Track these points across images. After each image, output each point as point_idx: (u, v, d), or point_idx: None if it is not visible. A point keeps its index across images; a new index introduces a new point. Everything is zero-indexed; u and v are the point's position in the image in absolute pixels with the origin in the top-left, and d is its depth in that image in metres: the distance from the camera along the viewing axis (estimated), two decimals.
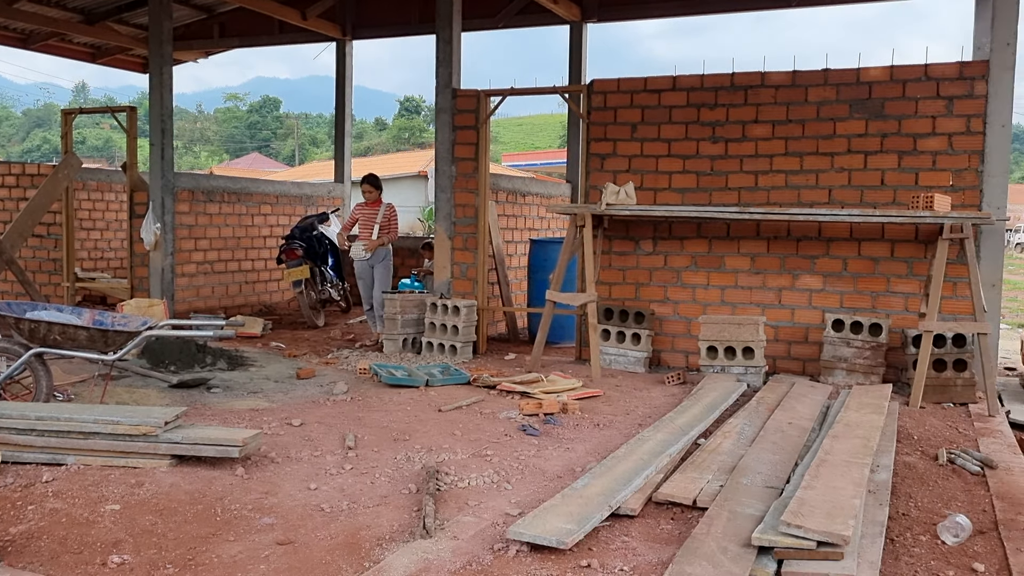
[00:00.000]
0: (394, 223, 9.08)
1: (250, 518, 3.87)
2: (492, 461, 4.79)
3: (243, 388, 6.63)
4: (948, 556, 3.61)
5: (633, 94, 8.03)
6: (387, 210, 9.03)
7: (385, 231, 8.99)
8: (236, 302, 10.94)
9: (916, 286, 7.18)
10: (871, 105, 7.29)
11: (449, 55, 8.56)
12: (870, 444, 4.63)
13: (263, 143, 70.23)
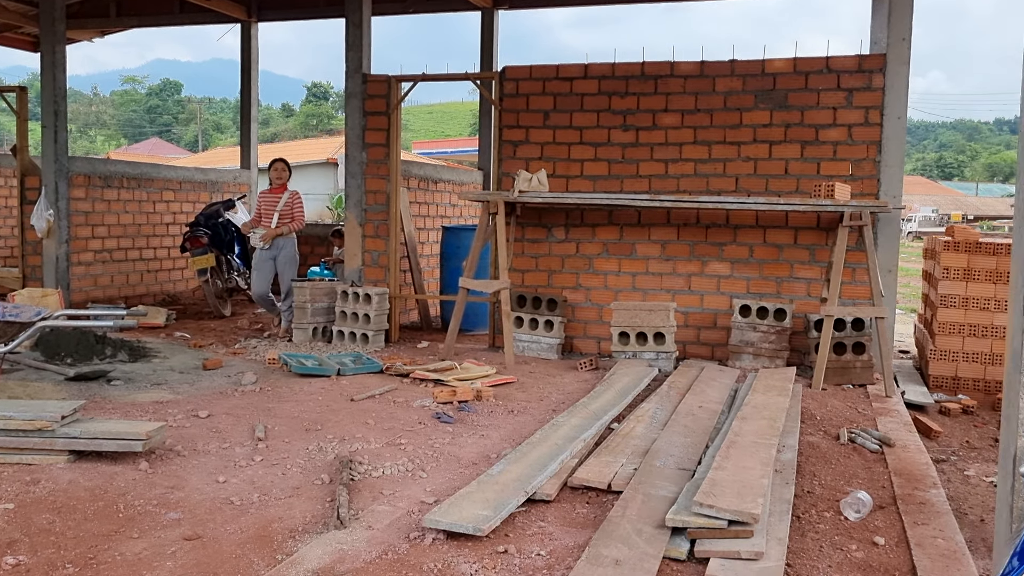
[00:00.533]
0: (298, 211, 8.53)
1: (155, 514, 3.73)
2: (406, 450, 4.74)
3: (146, 380, 6.40)
4: (851, 531, 3.74)
5: (545, 81, 8.05)
6: (290, 197, 8.50)
7: (288, 219, 8.43)
8: (138, 292, 10.55)
9: (818, 272, 7.42)
10: (775, 96, 7.48)
11: (359, 39, 8.41)
12: (776, 425, 4.76)
13: (164, 128, 68.00)
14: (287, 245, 8.52)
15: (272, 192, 8.57)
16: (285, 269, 8.54)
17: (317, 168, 34.13)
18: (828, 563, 3.38)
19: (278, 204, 8.44)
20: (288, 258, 8.54)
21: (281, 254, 8.49)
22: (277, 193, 8.51)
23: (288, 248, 8.53)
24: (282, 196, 8.47)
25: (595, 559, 3.13)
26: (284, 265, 8.53)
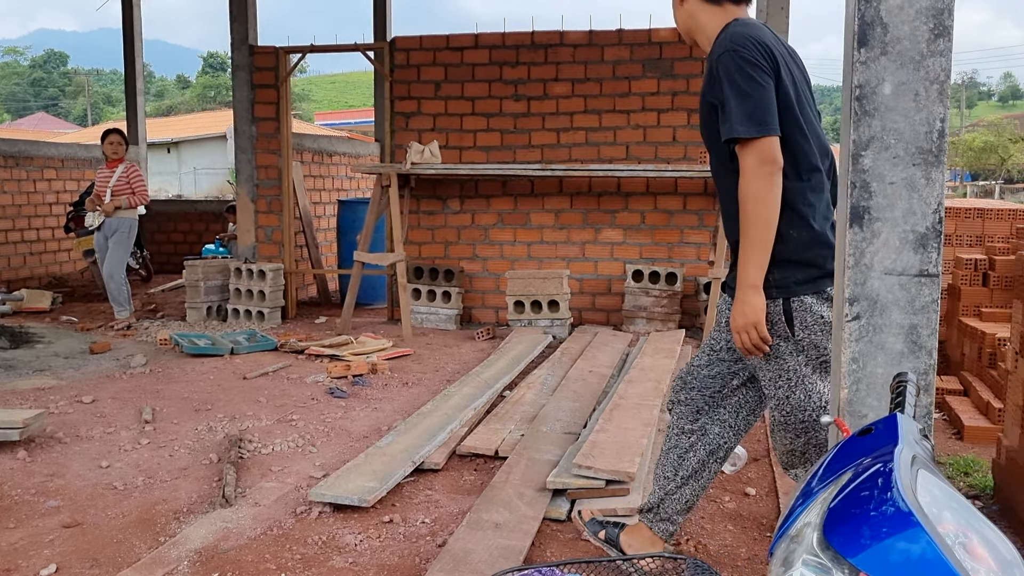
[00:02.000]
0: (137, 184, 7.72)
1: (33, 502, 3.65)
2: (297, 426, 4.74)
3: (28, 367, 6.19)
4: (725, 483, 3.92)
5: (436, 52, 8.02)
6: (125, 171, 7.70)
7: (124, 195, 7.68)
8: (21, 275, 10.15)
9: (707, 236, 7.64)
10: (662, 65, 7.63)
11: (244, 9, 8.20)
12: (660, 387, 4.93)
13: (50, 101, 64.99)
14: (121, 225, 7.71)
15: (108, 167, 7.82)
16: (114, 250, 7.70)
17: (215, 142, 33.23)
18: (701, 515, 3.54)
19: (111, 180, 7.71)
20: (120, 239, 7.71)
21: (114, 235, 7.71)
22: (112, 167, 7.77)
23: (123, 229, 7.72)
24: (116, 170, 7.74)
25: (476, 523, 3.21)
26: (114, 245, 7.70)
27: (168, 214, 12.46)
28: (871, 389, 1.98)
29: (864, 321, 1.96)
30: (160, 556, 3.11)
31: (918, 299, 1.94)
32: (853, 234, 1.95)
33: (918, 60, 1.91)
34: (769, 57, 2.40)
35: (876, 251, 1.94)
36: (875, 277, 1.95)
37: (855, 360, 1.98)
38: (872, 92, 1.92)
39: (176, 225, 12.45)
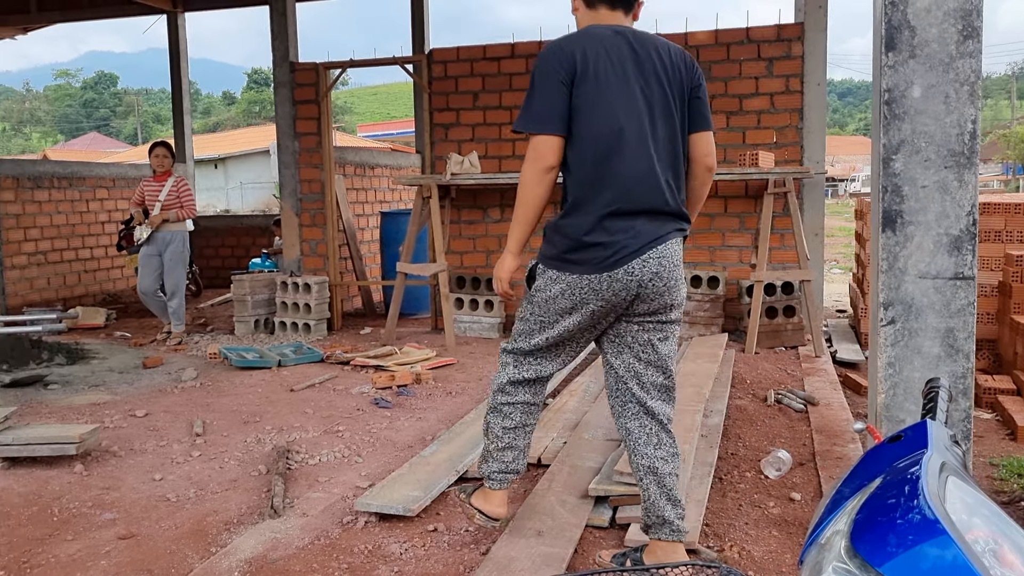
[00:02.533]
0: (186, 198, 7.76)
1: (90, 515, 3.76)
2: (344, 436, 4.82)
3: (84, 382, 6.37)
4: (770, 489, 3.90)
5: (473, 62, 8.08)
6: (175, 184, 7.74)
7: (173, 208, 7.72)
8: (76, 292, 10.43)
9: (748, 239, 7.59)
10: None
11: (284, 27, 8.36)
12: (703, 392, 4.91)
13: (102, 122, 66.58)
14: (174, 239, 7.77)
15: (156, 180, 7.83)
16: (172, 266, 7.81)
17: (260, 156, 33.76)
18: (745, 520, 3.53)
19: (160, 193, 7.74)
20: (176, 254, 7.79)
21: (168, 250, 7.75)
22: (160, 181, 7.80)
23: (176, 243, 7.78)
24: (165, 183, 7.77)
25: (518, 531, 3.24)
26: (171, 262, 7.79)
27: (216, 229, 12.71)
28: (908, 394, 1.97)
29: (899, 325, 1.95)
30: (212, 566, 3.19)
31: (954, 302, 1.93)
32: (886, 238, 1.94)
33: (947, 62, 1.90)
34: (568, 66, 2.69)
35: (910, 255, 1.93)
36: (909, 281, 1.94)
37: (891, 365, 1.98)
38: (901, 95, 1.91)
39: (224, 240, 12.69)
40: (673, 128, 2.78)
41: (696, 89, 2.84)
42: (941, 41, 1.90)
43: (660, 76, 2.76)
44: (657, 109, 2.75)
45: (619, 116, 2.70)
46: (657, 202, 2.74)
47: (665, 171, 2.75)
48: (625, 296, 2.76)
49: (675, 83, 2.78)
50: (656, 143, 2.73)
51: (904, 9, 1.90)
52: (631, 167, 2.71)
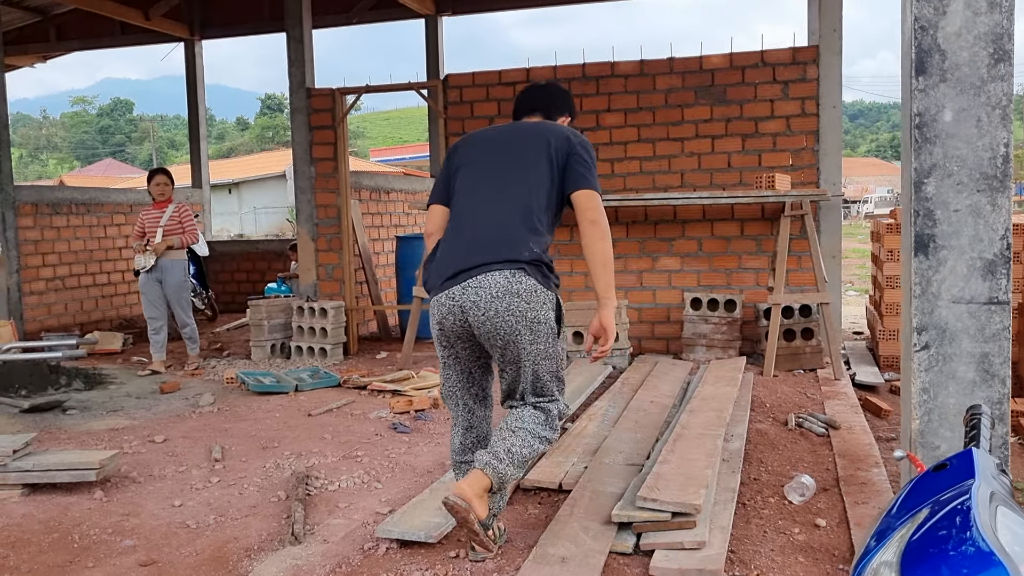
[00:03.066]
0: (188, 224, 7.63)
1: (110, 542, 3.75)
2: (362, 462, 4.80)
3: (102, 407, 6.38)
4: (794, 515, 3.85)
5: (488, 87, 8.12)
6: (176, 210, 7.62)
7: (176, 234, 7.62)
8: (93, 318, 10.48)
9: (765, 261, 7.57)
10: (715, 91, 7.62)
11: (301, 54, 8.43)
12: (723, 416, 4.88)
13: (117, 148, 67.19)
14: (175, 269, 7.66)
15: (155, 207, 7.74)
16: (175, 296, 7.71)
17: (274, 181, 33.99)
18: (771, 547, 3.49)
19: (161, 219, 7.63)
20: (178, 283, 7.69)
21: (169, 278, 7.64)
22: (160, 208, 7.71)
23: (177, 272, 7.68)
24: (166, 210, 7.68)
25: (542, 558, 3.21)
26: (174, 291, 7.69)
27: (231, 254, 12.77)
28: (943, 420, 1.94)
29: (933, 351, 1.93)
30: None
31: (988, 327, 1.91)
32: (918, 262, 1.93)
33: (979, 86, 1.89)
34: (452, 155, 3.60)
35: (943, 279, 1.92)
36: (943, 306, 1.92)
37: (925, 391, 1.95)
38: (932, 119, 1.91)
39: (239, 265, 12.74)
40: (527, 189, 3.32)
41: (568, 157, 3.34)
42: (972, 65, 1.90)
43: (527, 152, 3.38)
44: (512, 175, 3.35)
45: (475, 185, 3.43)
46: (490, 242, 3.25)
47: (507, 221, 3.28)
48: (452, 320, 3.26)
49: (542, 155, 3.35)
50: (503, 202, 3.31)
51: (934, 33, 1.90)
52: (473, 218, 3.36)
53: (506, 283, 3.17)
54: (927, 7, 1.89)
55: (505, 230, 3.25)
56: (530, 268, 3.21)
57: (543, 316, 3.21)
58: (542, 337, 3.22)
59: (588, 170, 3.34)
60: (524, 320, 3.17)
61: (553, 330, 3.27)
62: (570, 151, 3.35)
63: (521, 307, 3.17)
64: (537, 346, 3.22)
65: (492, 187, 3.36)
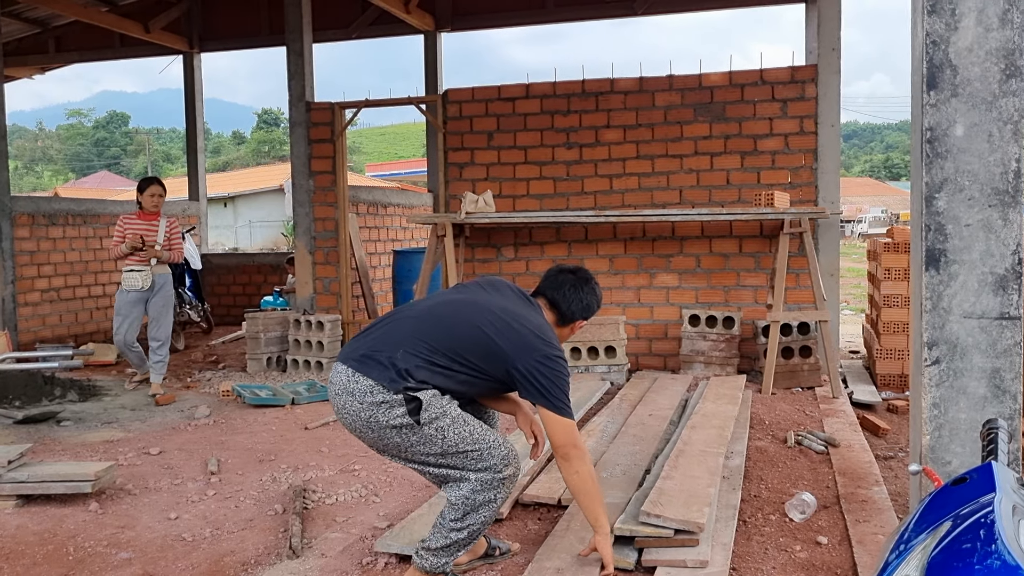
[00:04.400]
0: (176, 243, 7.24)
1: (105, 554, 3.71)
2: (360, 475, 4.76)
3: (96, 419, 6.33)
4: (795, 532, 3.83)
5: (488, 103, 8.14)
6: (168, 225, 7.19)
7: (166, 250, 7.18)
8: (88, 329, 10.42)
9: (763, 279, 7.57)
10: (714, 109, 7.65)
11: (301, 68, 8.44)
12: (724, 433, 4.86)
13: (112, 160, 67.13)
14: (166, 283, 7.21)
15: (145, 219, 7.14)
16: (164, 312, 7.18)
17: (269, 195, 33.98)
18: (772, 565, 3.47)
19: (157, 234, 7.11)
20: (167, 299, 7.22)
21: (159, 295, 7.12)
22: (150, 220, 7.14)
23: (167, 288, 7.23)
24: (159, 223, 7.17)
25: (538, 572, 3.18)
26: (164, 307, 7.18)
27: (227, 267, 12.73)
28: (954, 435, 1.93)
29: (944, 365, 1.92)
30: None
31: (1000, 342, 1.90)
32: (929, 277, 1.92)
33: (990, 101, 1.89)
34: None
35: (954, 294, 1.91)
36: (954, 320, 1.91)
37: (936, 406, 1.94)
38: (944, 134, 1.90)
39: (235, 277, 12.70)
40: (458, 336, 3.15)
41: (519, 361, 3.12)
42: (983, 80, 1.90)
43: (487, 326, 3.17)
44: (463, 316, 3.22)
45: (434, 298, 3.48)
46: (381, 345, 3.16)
47: (410, 343, 3.14)
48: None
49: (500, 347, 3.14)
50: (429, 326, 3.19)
51: (945, 48, 1.90)
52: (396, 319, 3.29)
53: (346, 381, 3.08)
54: (939, 22, 1.89)
55: (402, 345, 3.09)
56: (383, 374, 3.03)
57: (380, 416, 3.01)
58: (390, 436, 3.04)
59: (550, 392, 3.06)
60: (360, 420, 3.06)
61: (404, 426, 3.02)
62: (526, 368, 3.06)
63: (353, 407, 3.06)
64: (389, 441, 3.07)
65: (440, 308, 3.25)
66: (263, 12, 11.79)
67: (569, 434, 3.07)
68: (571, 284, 3.36)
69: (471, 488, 3.06)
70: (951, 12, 1.89)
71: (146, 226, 7.14)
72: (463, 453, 3.04)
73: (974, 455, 1.70)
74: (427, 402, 3.01)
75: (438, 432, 3.03)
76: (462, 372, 3.09)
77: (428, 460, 3.07)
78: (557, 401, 3.04)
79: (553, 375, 3.05)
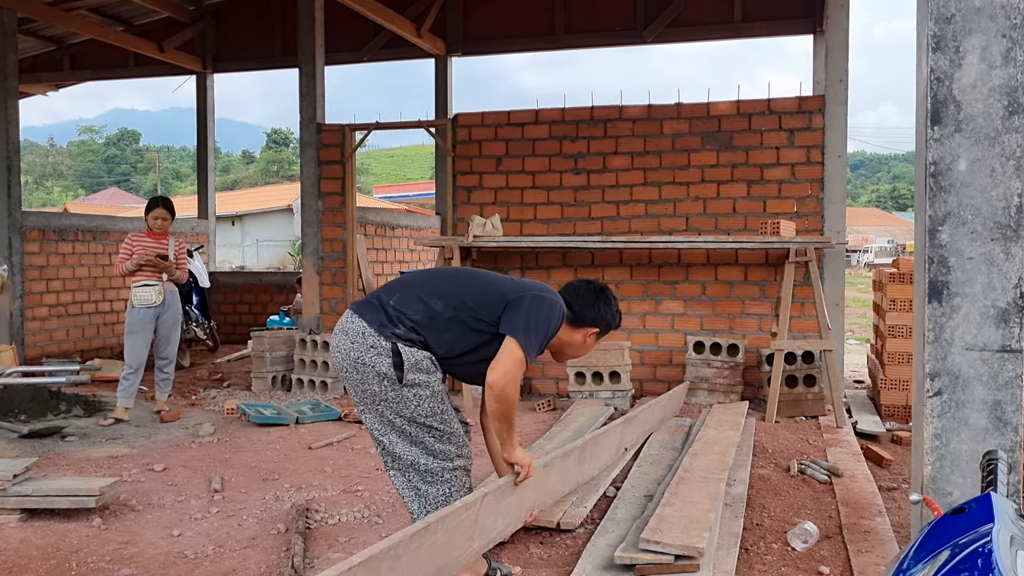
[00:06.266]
0: (182, 263, 7.13)
1: (108, 570, 3.72)
2: (363, 496, 4.77)
3: (101, 435, 6.35)
4: (797, 561, 3.83)
5: (497, 127, 8.21)
6: (177, 245, 7.10)
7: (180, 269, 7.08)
8: (94, 345, 10.46)
9: (768, 307, 7.59)
10: (721, 137, 7.70)
11: (312, 90, 8.53)
12: (726, 460, 4.86)
13: (122, 177, 67.52)
14: (176, 302, 7.09)
15: (154, 238, 6.97)
16: (173, 329, 7.09)
17: (277, 214, 34.14)
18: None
19: (168, 252, 6.94)
20: (176, 317, 7.10)
21: (168, 312, 6.98)
22: (159, 239, 6.98)
23: (176, 306, 7.10)
24: (168, 241, 7.01)
25: None
26: (171, 326, 7.05)
27: (234, 285, 12.79)
28: (955, 466, 1.95)
29: (946, 397, 1.94)
30: None
31: (1001, 375, 1.92)
32: (932, 309, 1.94)
33: (993, 137, 1.92)
34: None
35: (956, 326, 1.93)
36: (956, 352, 1.93)
37: (938, 436, 1.96)
38: (947, 168, 1.94)
39: (242, 296, 12.76)
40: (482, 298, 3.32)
41: (512, 293, 3.34)
42: (987, 116, 1.93)
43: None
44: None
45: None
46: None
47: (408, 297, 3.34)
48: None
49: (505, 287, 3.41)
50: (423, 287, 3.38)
51: (949, 84, 1.94)
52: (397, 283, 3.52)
53: (344, 322, 3.31)
54: (943, 59, 1.93)
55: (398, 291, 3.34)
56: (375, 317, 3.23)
57: (368, 359, 3.19)
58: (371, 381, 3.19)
59: (518, 318, 3.21)
60: (348, 360, 3.24)
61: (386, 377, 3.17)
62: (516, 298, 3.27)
63: (345, 346, 3.25)
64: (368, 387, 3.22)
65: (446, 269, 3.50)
66: (276, 34, 11.92)
67: (518, 367, 3.21)
68: (587, 291, 3.51)
69: (421, 479, 3.23)
70: (955, 49, 1.93)
71: (155, 244, 7.04)
72: (428, 427, 3.21)
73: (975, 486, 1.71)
74: (413, 362, 3.17)
75: (415, 398, 3.18)
76: (455, 316, 3.24)
77: (394, 420, 3.21)
78: (530, 335, 3.18)
79: (539, 313, 3.21)
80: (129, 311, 6.96)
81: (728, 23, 10.26)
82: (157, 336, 7.01)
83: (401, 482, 3.29)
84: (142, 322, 6.87)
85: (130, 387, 6.84)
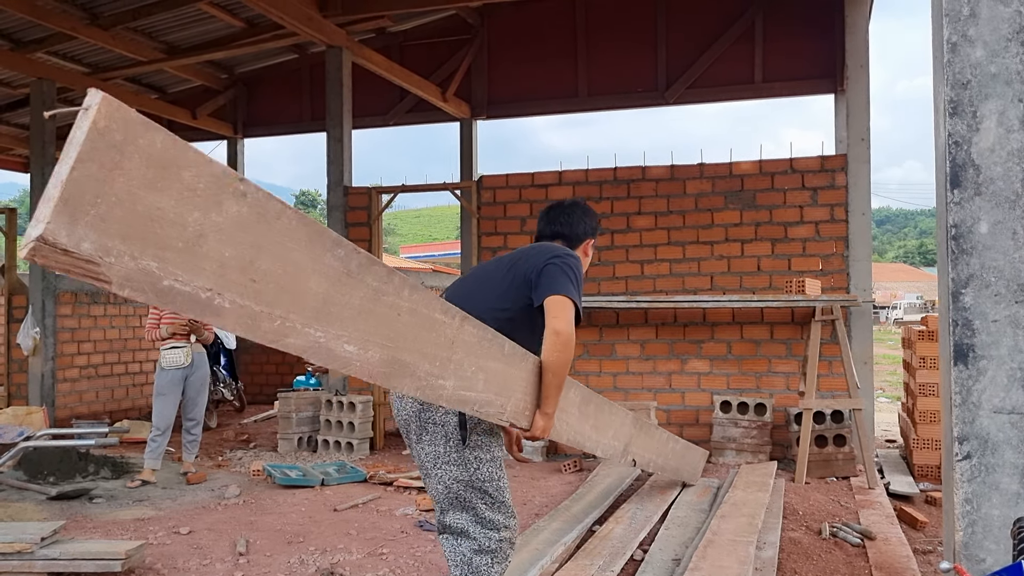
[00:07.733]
0: (208, 323, 7.15)
1: None
2: (387, 559, 4.74)
3: (128, 496, 6.37)
4: None
5: (521, 189, 8.31)
6: None
7: (207, 329, 7.12)
8: (123, 406, 10.55)
9: (795, 365, 7.53)
10: (744, 196, 7.74)
11: (340, 154, 8.70)
12: (755, 522, 4.79)
13: None
14: (204, 363, 7.14)
15: None
16: (201, 390, 7.12)
17: None
18: None
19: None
20: (203, 379, 7.13)
21: (196, 374, 7.03)
22: None
23: (204, 367, 7.14)
24: None
25: None
26: (199, 387, 7.09)
27: (260, 346, 12.83)
28: (988, 532, 1.91)
29: (975, 460, 1.92)
30: None
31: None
32: (958, 372, 1.93)
33: (1013, 200, 1.93)
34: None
35: (983, 389, 1.92)
36: (984, 416, 1.92)
37: (968, 501, 1.93)
38: (968, 231, 1.95)
39: (269, 357, 12.84)
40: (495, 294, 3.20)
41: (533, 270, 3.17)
42: (1006, 179, 1.94)
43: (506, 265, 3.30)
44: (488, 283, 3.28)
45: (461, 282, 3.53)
46: None
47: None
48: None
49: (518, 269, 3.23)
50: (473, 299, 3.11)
51: (968, 149, 1.96)
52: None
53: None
54: (960, 124, 1.95)
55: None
56: None
57: (437, 417, 3.05)
58: (439, 440, 3.05)
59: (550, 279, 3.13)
60: (414, 415, 3.10)
61: (448, 438, 3.05)
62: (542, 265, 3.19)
63: (413, 406, 3.10)
64: (427, 447, 3.08)
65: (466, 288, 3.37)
66: (305, 100, 12.20)
67: (572, 317, 3.09)
68: (566, 215, 3.52)
69: (469, 547, 3.10)
70: (972, 114, 1.96)
71: None
72: (484, 492, 3.09)
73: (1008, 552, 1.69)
74: (476, 421, 3.03)
75: (476, 461, 3.07)
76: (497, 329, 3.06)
77: (451, 483, 3.09)
78: (568, 284, 3.10)
79: (566, 267, 3.14)
80: (158, 373, 7.01)
81: (749, 83, 10.37)
82: (185, 397, 7.05)
83: (449, 546, 3.18)
84: (171, 384, 6.90)
85: (157, 448, 6.84)
